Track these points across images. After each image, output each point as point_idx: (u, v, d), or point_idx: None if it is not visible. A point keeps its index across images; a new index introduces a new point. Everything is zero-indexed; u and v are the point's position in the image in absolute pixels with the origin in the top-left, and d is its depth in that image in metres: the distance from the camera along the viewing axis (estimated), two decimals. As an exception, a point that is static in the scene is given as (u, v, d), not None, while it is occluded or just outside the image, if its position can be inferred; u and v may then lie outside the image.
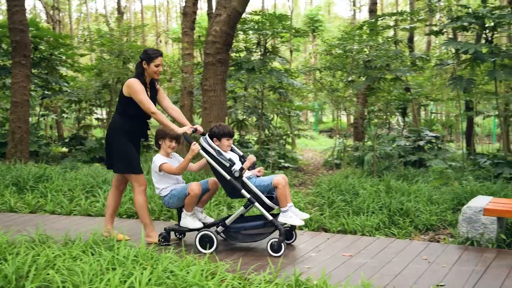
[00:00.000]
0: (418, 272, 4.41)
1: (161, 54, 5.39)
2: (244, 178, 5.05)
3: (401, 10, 12.23)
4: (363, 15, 38.05)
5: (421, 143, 11.29)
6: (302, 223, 5.11)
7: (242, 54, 11.58)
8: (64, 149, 13.77)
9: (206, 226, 5.31)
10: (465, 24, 8.86)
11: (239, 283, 3.98)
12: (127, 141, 5.37)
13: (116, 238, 5.20)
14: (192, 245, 5.18)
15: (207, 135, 5.31)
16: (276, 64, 12.58)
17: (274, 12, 15.45)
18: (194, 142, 5.15)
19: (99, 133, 18.16)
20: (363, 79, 10.96)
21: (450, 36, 11.42)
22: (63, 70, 13.34)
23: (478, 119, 16.64)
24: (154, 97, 5.45)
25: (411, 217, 6.24)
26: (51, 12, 23.78)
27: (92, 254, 4.34)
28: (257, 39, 11.43)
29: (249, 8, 10.48)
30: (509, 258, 4.74)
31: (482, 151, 13.62)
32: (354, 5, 34.45)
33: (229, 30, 8.68)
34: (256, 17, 10.81)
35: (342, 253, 4.99)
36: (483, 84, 11.35)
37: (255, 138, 13.96)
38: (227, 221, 5.16)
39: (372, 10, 15.15)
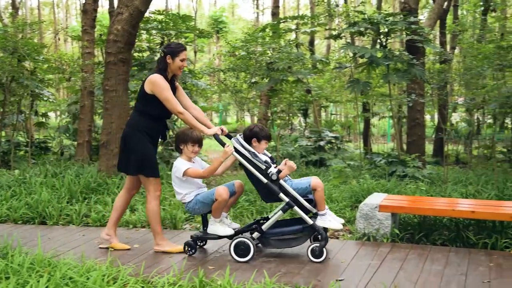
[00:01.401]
0: (319, 268, 4.56)
1: (185, 48, 5.07)
2: (281, 181, 4.82)
3: (302, 14, 12.58)
4: (266, 17, 38.75)
5: (322, 143, 11.67)
6: (341, 227, 4.97)
7: (145, 54, 11.38)
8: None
9: (236, 232, 5.00)
10: (362, 29, 9.29)
11: (142, 287, 3.92)
12: (148, 142, 5.05)
13: (115, 247, 5.10)
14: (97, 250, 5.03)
15: (238, 135, 5.04)
16: (180, 64, 12.48)
17: (178, 12, 15.33)
18: (227, 144, 4.89)
19: (-9, 134, 17.12)
20: (266, 80, 11.16)
21: (348, 40, 11.90)
22: (-50, 68, 12.46)
23: (374, 120, 17.44)
24: (173, 94, 5.08)
25: (312, 215, 6.42)
26: None
27: (-17, 263, 4.10)
28: (160, 39, 11.29)
29: (152, 8, 10.33)
30: (402, 252, 5.03)
31: (377, 150, 14.26)
32: (257, 7, 35.01)
33: (131, 29, 8.51)
34: (160, 17, 10.66)
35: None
36: (379, 87, 11.92)
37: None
38: (264, 227, 4.87)
39: (275, 13, 15.46)
